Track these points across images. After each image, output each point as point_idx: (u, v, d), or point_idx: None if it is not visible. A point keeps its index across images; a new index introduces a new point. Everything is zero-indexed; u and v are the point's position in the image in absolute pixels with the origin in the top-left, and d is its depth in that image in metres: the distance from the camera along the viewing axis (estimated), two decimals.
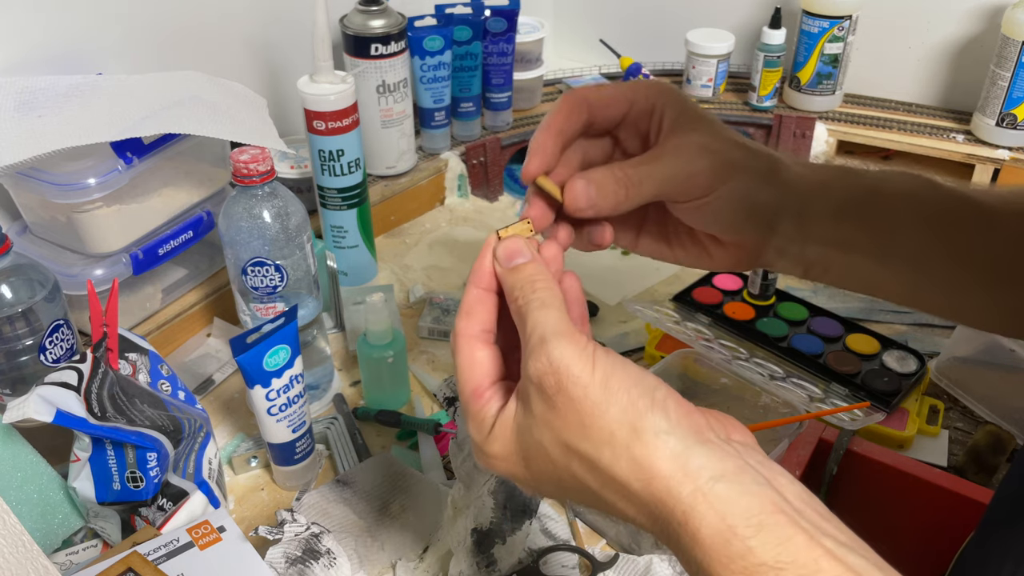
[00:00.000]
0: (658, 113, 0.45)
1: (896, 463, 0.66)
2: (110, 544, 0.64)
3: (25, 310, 0.66)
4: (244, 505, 0.72)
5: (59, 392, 0.56)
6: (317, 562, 0.61)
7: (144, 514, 0.62)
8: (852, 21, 1.13)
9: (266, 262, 0.72)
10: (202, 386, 0.84)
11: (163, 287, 0.87)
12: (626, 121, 0.46)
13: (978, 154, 1.11)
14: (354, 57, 0.98)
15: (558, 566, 0.64)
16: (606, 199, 0.43)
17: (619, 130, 0.47)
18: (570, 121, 0.45)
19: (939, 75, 1.20)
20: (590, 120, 0.45)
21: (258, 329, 0.66)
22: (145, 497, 0.61)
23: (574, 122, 0.45)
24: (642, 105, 0.45)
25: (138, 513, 0.63)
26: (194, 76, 0.83)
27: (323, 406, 0.81)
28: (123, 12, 0.88)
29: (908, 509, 0.67)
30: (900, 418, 0.77)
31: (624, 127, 0.47)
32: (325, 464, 0.76)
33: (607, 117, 0.46)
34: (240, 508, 0.72)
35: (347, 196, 0.91)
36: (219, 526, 0.59)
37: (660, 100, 0.45)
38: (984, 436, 0.75)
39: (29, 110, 0.73)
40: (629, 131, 0.47)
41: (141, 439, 0.59)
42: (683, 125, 0.45)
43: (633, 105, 0.45)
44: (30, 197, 0.79)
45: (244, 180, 0.69)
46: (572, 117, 0.45)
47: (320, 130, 0.86)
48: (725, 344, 0.83)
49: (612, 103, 0.45)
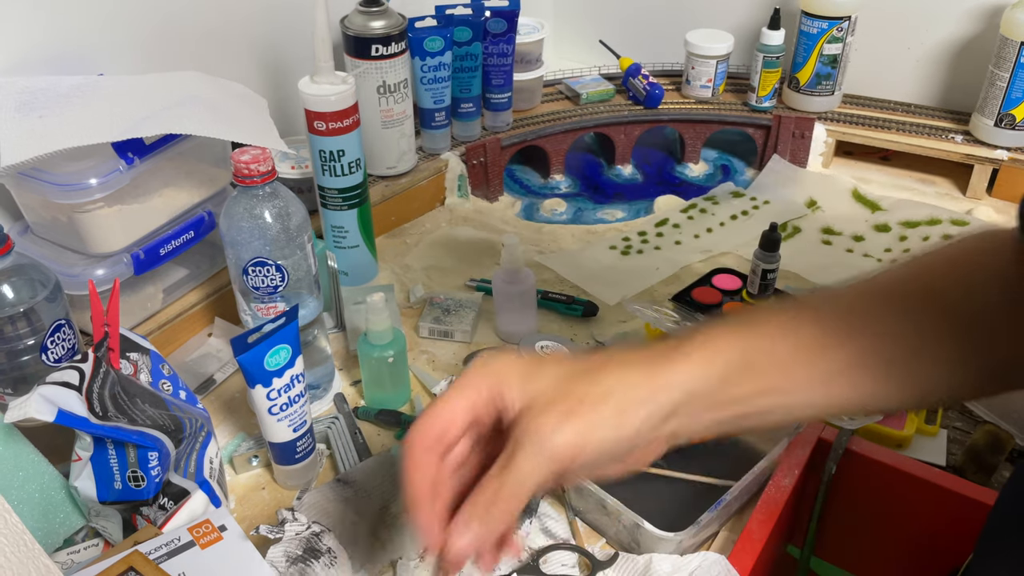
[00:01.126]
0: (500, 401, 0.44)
1: (895, 462, 0.66)
2: (111, 543, 0.64)
3: (27, 310, 0.66)
4: (245, 504, 0.72)
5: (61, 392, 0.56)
6: (318, 561, 0.61)
7: (145, 513, 0.62)
8: (851, 22, 1.13)
9: (267, 262, 0.72)
10: (203, 386, 0.84)
11: (164, 287, 0.87)
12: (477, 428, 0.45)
13: (977, 154, 1.12)
14: (355, 58, 0.99)
15: (558, 565, 0.65)
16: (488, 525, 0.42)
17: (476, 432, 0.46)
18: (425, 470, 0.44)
19: (938, 76, 1.20)
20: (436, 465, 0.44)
21: (259, 329, 0.66)
22: (146, 496, 0.61)
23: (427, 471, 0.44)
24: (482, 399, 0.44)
25: (139, 512, 0.63)
26: (195, 76, 0.83)
27: (324, 406, 0.82)
28: (124, 13, 0.88)
29: (907, 508, 0.67)
30: (899, 417, 0.77)
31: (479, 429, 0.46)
32: (326, 463, 0.76)
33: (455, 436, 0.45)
34: (241, 507, 0.72)
35: (348, 196, 0.91)
36: (220, 525, 0.59)
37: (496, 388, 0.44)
38: (983, 436, 0.76)
39: (30, 110, 0.73)
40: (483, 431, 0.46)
41: (142, 438, 0.59)
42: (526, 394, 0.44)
43: (475, 406, 0.44)
44: (31, 197, 0.79)
45: (245, 180, 0.69)
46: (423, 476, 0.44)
47: (321, 130, 0.86)
48: None
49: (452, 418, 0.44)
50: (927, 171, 1.20)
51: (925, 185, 1.18)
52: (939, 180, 1.19)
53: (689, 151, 1.25)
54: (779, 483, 0.66)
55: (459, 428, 0.45)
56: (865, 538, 0.72)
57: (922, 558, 0.68)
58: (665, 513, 0.64)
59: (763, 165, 1.22)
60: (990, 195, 1.14)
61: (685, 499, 0.68)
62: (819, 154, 1.21)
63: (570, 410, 0.43)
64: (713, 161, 1.27)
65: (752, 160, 1.25)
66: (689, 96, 1.25)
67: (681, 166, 1.26)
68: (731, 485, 0.65)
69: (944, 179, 1.19)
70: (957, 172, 1.17)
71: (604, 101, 1.25)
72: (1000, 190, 1.13)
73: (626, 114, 1.22)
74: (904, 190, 1.17)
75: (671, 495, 0.69)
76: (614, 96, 1.26)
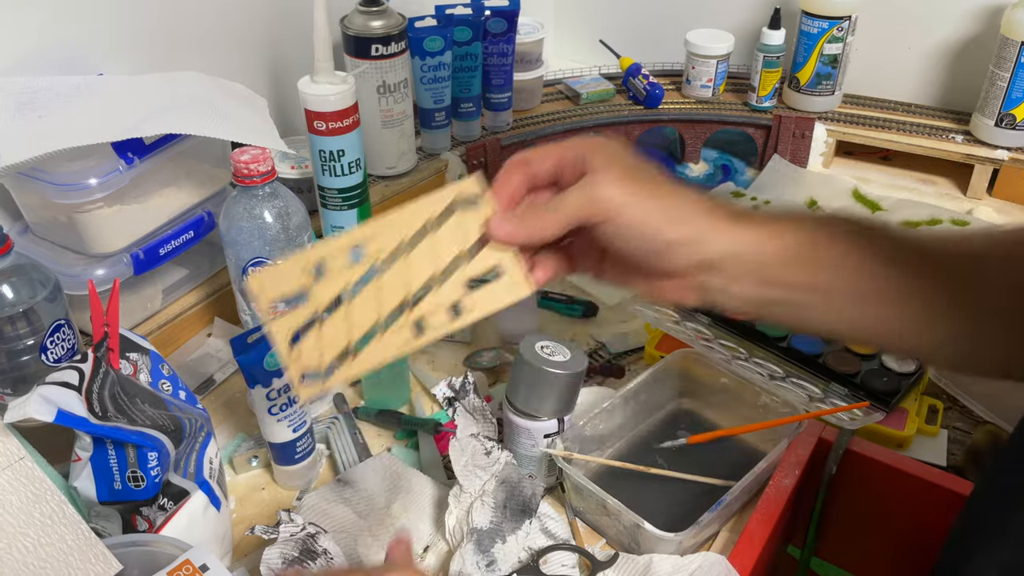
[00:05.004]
0: (587, 159, 0.49)
1: (895, 463, 0.66)
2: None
3: (26, 310, 0.66)
4: (245, 505, 0.72)
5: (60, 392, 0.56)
6: (315, 563, 0.61)
7: (145, 513, 0.62)
8: (851, 22, 1.13)
9: (267, 262, 0.72)
10: (203, 386, 0.84)
11: (164, 287, 0.87)
12: (561, 170, 0.50)
13: (977, 154, 1.12)
14: (354, 58, 0.99)
15: (558, 566, 0.65)
16: (525, 226, 0.48)
17: (559, 180, 0.51)
18: (512, 181, 0.50)
19: (938, 75, 1.20)
20: (531, 173, 0.50)
21: (259, 329, 0.66)
22: (146, 497, 0.61)
23: (516, 181, 0.50)
24: (571, 154, 0.49)
25: (139, 513, 0.63)
26: (195, 76, 0.83)
27: (324, 406, 0.82)
28: (124, 13, 0.88)
29: (907, 509, 0.67)
30: (899, 418, 0.77)
31: (561, 177, 0.50)
32: (325, 464, 0.76)
33: (544, 169, 0.50)
34: (241, 508, 0.72)
35: (348, 196, 0.91)
36: (201, 565, 0.56)
37: (588, 149, 0.49)
38: (983, 436, 0.76)
39: (30, 111, 0.73)
40: (566, 178, 0.50)
41: (142, 439, 0.59)
42: (604, 164, 0.48)
43: (563, 155, 0.49)
44: (31, 197, 0.79)
45: (245, 180, 0.69)
46: (514, 175, 0.50)
47: (321, 130, 0.86)
48: (725, 344, 0.83)
49: (546, 156, 0.50)
50: (927, 171, 1.20)
51: (925, 185, 1.18)
52: (939, 180, 1.19)
53: (689, 151, 1.25)
54: (779, 483, 0.66)
55: (547, 165, 0.50)
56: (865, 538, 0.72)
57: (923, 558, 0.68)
58: (665, 513, 0.64)
59: (763, 165, 1.22)
60: (990, 195, 1.14)
61: (685, 499, 0.68)
62: (819, 154, 1.21)
63: (630, 183, 0.47)
64: (713, 161, 1.26)
65: (752, 160, 1.25)
66: (689, 96, 1.25)
67: (681, 166, 1.26)
68: (731, 485, 0.65)
69: (944, 179, 1.19)
70: (957, 172, 1.17)
71: (604, 101, 1.25)
72: (1000, 190, 1.13)
73: (626, 114, 1.22)
74: (904, 190, 1.17)
75: (671, 495, 0.69)
76: (614, 96, 1.26)
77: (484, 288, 0.49)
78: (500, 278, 0.49)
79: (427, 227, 0.49)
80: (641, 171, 0.49)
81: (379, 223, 0.49)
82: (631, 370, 0.87)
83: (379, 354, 0.47)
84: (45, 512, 0.53)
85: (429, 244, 0.49)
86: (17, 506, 0.52)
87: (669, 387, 0.78)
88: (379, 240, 0.49)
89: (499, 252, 0.49)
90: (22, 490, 0.53)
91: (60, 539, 0.52)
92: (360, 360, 0.47)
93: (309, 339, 0.47)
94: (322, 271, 0.48)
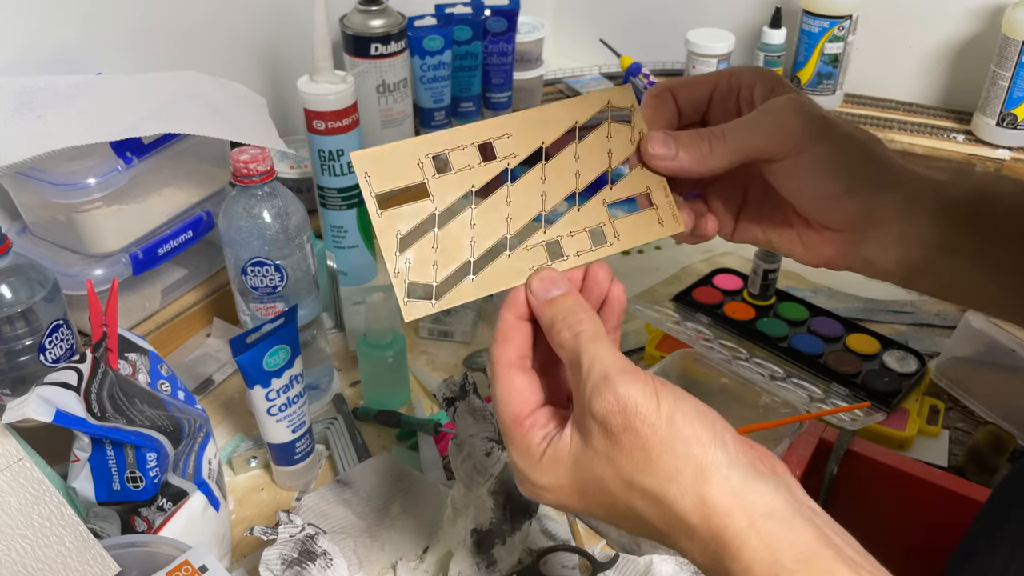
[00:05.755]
0: (746, 89, 0.44)
1: (896, 463, 0.66)
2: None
3: (25, 310, 0.66)
4: (244, 505, 0.72)
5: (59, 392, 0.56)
6: (314, 563, 0.61)
7: (144, 514, 0.62)
8: (852, 21, 1.13)
9: (266, 262, 0.72)
10: (202, 386, 0.84)
11: (163, 287, 0.87)
12: (712, 102, 0.45)
13: (978, 154, 1.11)
14: (354, 57, 0.98)
15: (558, 566, 0.64)
16: (687, 150, 0.43)
17: (708, 115, 0.46)
18: (659, 111, 0.45)
19: (939, 75, 1.20)
20: (676, 105, 0.45)
21: (258, 329, 0.66)
22: (145, 497, 0.61)
23: (663, 111, 0.45)
24: (726, 84, 0.45)
25: (138, 513, 0.62)
26: (194, 76, 0.83)
27: (323, 406, 0.81)
28: (123, 12, 0.87)
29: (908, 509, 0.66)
30: (900, 418, 0.77)
31: (712, 110, 0.46)
32: (325, 464, 0.76)
33: (690, 98, 0.45)
34: (240, 508, 0.72)
35: (347, 196, 0.91)
36: (200, 565, 0.55)
37: (747, 78, 0.44)
38: (984, 436, 0.75)
39: (29, 110, 0.72)
40: (717, 112, 0.46)
41: (141, 439, 0.59)
42: (774, 93, 0.43)
43: (717, 85, 0.45)
44: (30, 197, 0.79)
45: (244, 180, 0.69)
46: (660, 107, 0.45)
47: (320, 130, 0.86)
48: (725, 344, 0.83)
49: (695, 84, 0.45)
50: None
51: None
52: None
53: None
54: None
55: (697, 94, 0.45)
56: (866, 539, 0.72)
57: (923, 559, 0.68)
58: None
59: None
60: None
61: None
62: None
63: (814, 115, 0.42)
64: None
65: None
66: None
67: None
68: None
69: None
70: None
71: None
72: None
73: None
74: None
75: None
76: None
77: (630, 217, 0.43)
78: (645, 209, 0.44)
79: (573, 133, 0.43)
80: (814, 104, 0.43)
81: (516, 119, 0.42)
82: None
83: (503, 277, 0.41)
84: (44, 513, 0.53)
85: (571, 153, 0.43)
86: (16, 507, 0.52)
87: None
88: (515, 139, 0.42)
89: (648, 178, 0.43)
90: (21, 491, 0.53)
91: (58, 540, 0.52)
92: (480, 281, 0.41)
93: (423, 246, 0.40)
94: (444, 165, 0.41)
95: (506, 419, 0.40)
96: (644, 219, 0.44)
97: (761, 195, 0.48)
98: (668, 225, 0.44)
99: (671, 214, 0.44)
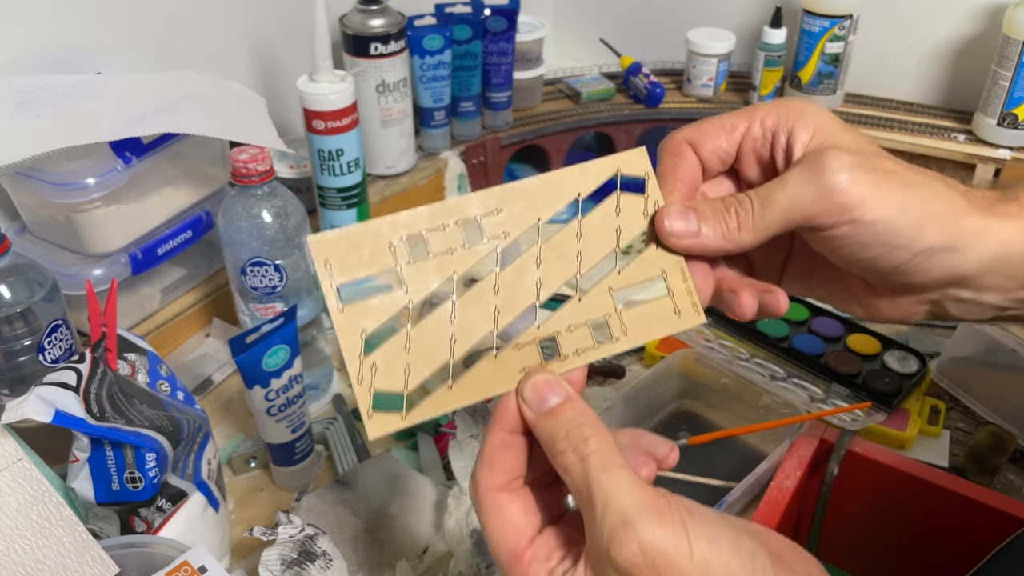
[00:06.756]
0: (784, 135, 0.37)
1: (897, 463, 0.66)
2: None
3: (24, 310, 0.66)
4: (243, 506, 0.72)
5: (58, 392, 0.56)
6: (313, 564, 0.60)
7: (143, 515, 0.62)
8: (853, 20, 1.13)
9: (265, 262, 0.71)
10: (201, 386, 0.84)
11: (162, 287, 0.87)
12: (742, 152, 0.39)
13: (979, 154, 1.11)
14: (353, 56, 0.98)
15: None
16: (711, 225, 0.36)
17: (739, 162, 0.39)
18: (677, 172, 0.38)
19: (940, 74, 1.20)
20: (698, 159, 0.39)
21: (257, 329, 0.66)
22: (144, 498, 0.60)
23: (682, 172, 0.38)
24: (759, 129, 0.38)
25: (137, 514, 0.62)
26: (193, 76, 0.83)
27: (322, 406, 0.81)
28: (122, 11, 0.87)
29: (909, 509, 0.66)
30: (901, 418, 0.77)
31: (743, 160, 0.39)
32: (324, 465, 0.76)
33: (715, 150, 0.39)
34: (239, 509, 0.72)
35: (346, 196, 0.91)
36: (199, 566, 0.55)
37: (785, 120, 0.37)
38: (985, 436, 0.75)
39: (28, 110, 0.72)
40: (749, 161, 0.39)
41: (140, 439, 0.59)
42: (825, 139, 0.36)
43: (749, 130, 0.38)
44: (29, 197, 0.79)
45: (243, 180, 0.69)
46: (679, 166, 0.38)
47: (319, 129, 0.86)
48: (726, 344, 0.83)
49: (721, 132, 0.38)
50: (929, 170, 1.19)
51: None
52: None
53: None
54: (781, 484, 0.65)
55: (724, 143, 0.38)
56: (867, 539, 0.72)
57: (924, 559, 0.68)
58: None
59: None
60: None
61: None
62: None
63: (870, 168, 0.35)
64: None
65: None
66: (690, 95, 1.25)
67: None
68: (733, 486, 0.64)
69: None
70: (959, 171, 1.16)
71: (605, 100, 1.25)
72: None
73: (627, 113, 1.22)
74: None
75: None
76: (615, 95, 1.25)
77: (641, 308, 0.37)
78: (659, 297, 0.37)
79: (576, 206, 0.37)
80: (872, 150, 0.37)
81: (508, 191, 0.35)
82: (632, 371, 0.86)
83: (489, 382, 0.35)
84: (43, 514, 0.53)
85: (572, 232, 0.36)
86: (15, 508, 0.52)
87: (670, 388, 0.78)
88: (506, 215, 0.35)
89: (663, 259, 0.37)
90: (20, 492, 0.53)
91: (57, 541, 0.52)
92: (460, 388, 0.34)
93: (392, 347, 0.34)
94: (420, 247, 0.35)
95: (502, 558, 0.35)
96: (657, 309, 0.37)
97: (807, 250, 0.41)
98: (686, 316, 0.38)
99: (690, 303, 0.38)
